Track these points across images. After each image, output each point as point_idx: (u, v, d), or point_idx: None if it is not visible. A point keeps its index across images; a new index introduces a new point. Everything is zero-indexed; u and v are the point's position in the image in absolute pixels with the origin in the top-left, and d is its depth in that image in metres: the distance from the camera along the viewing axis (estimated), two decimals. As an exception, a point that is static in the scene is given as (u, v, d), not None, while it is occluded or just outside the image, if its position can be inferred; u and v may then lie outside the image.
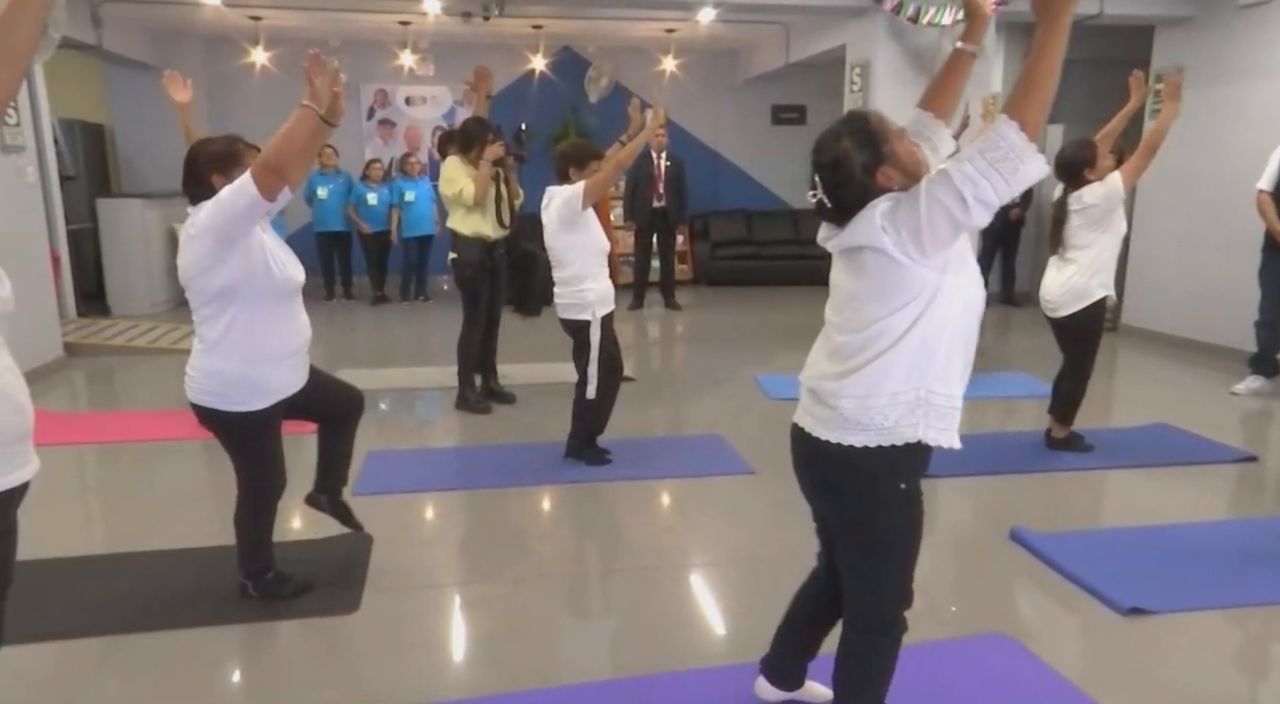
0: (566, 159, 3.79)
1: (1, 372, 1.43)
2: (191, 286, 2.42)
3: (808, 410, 1.81)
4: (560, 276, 3.78)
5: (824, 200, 1.73)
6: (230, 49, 8.86)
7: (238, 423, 2.50)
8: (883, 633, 1.84)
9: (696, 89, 9.97)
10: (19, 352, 1.53)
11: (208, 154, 2.43)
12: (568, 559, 3.16)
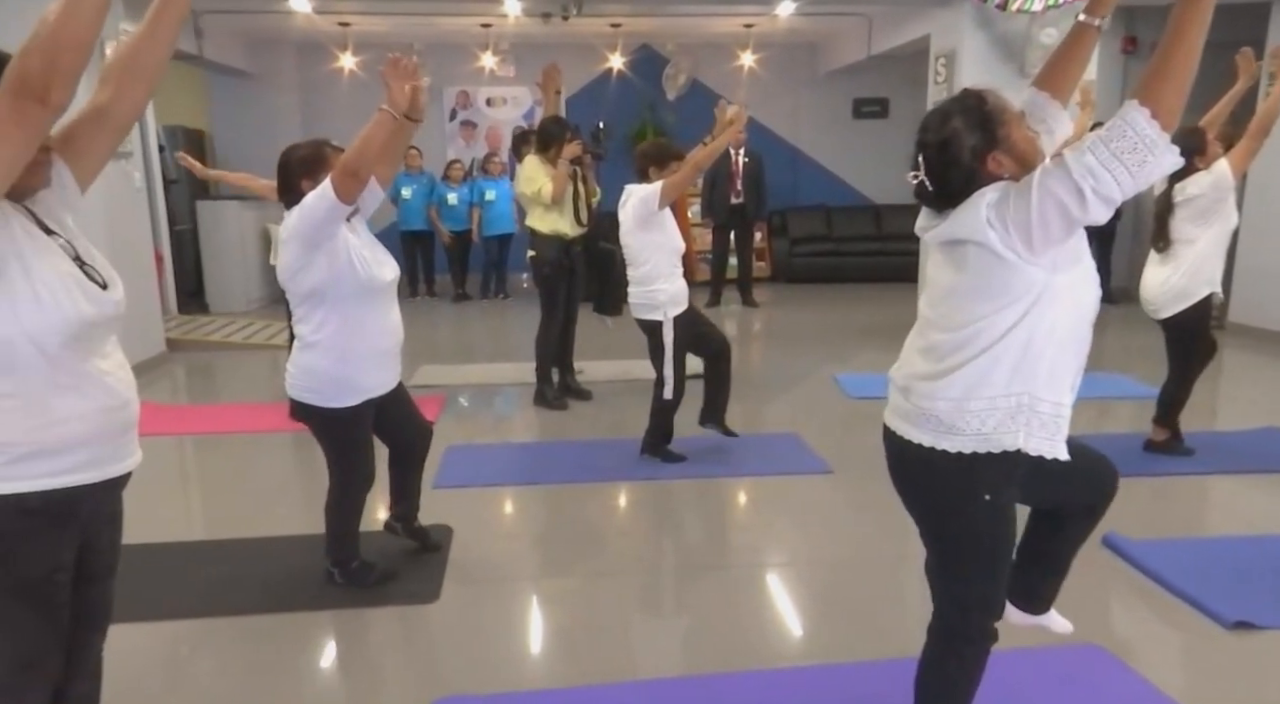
0: (647, 158, 3.81)
1: (113, 369, 1.50)
2: (287, 288, 2.52)
3: (897, 409, 1.73)
4: (634, 275, 3.79)
5: (925, 183, 1.63)
6: (321, 55, 9.18)
7: (330, 419, 2.58)
8: (967, 642, 1.75)
9: (775, 84, 9.86)
10: (125, 346, 1.61)
11: (296, 160, 2.51)
12: (642, 556, 3.17)
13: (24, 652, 1.48)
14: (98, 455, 1.46)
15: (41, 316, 1.35)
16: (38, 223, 1.43)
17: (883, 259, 9.43)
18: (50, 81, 1.21)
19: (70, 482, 1.43)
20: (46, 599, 1.47)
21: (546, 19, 7.75)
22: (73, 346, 1.40)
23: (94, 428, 1.44)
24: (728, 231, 8.24)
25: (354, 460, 2.68)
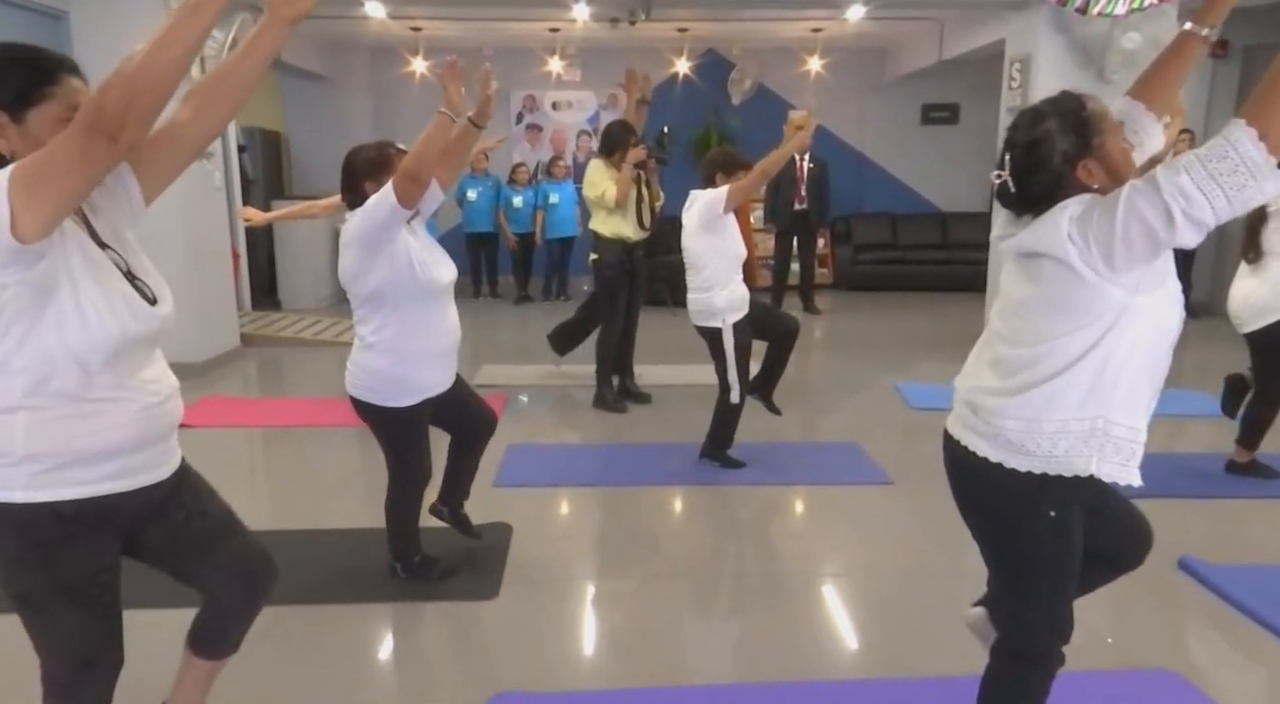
0: (715, 165, 3.81)
1: (154, 377, 1.51)
2: (348, 289, 2.57)
3: (962, 420, 1.67)
4: (693, 281, 3.78)
5: (1009, 183, 1.57)
6: (392, 59, 9.38)
7: (387, 417, 2.63)
8: (1032, 664, 1.69)
9: (842, 89, 9.75)
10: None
11: (360, 161, 2.55)
12: (698, 560, 3.16)
13: (80, 651, 1.53)
14: (132, 465, 1.47)
15: (86, 337, 1.36)
16: (92, 234, 1.43)
17: (949, 268, 9.24)
18: (124, 121, 1.21)
19: (104, 490, 1.44)
20: (94, 600, 1.51)
21: (614, 24, 7.80)
22: (115, 362, 1.41)
23: (130, 438, 1.45)
24: (790, 238, 8.17)
25: (411, 459, 2.73)
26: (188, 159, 1.54)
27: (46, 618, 1.49)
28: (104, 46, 5.36)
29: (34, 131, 1.34)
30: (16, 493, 1.38)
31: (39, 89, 1.35)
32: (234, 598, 1.74)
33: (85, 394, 1.38)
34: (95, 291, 1.37)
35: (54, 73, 1.38)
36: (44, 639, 1.52)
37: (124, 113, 1.21)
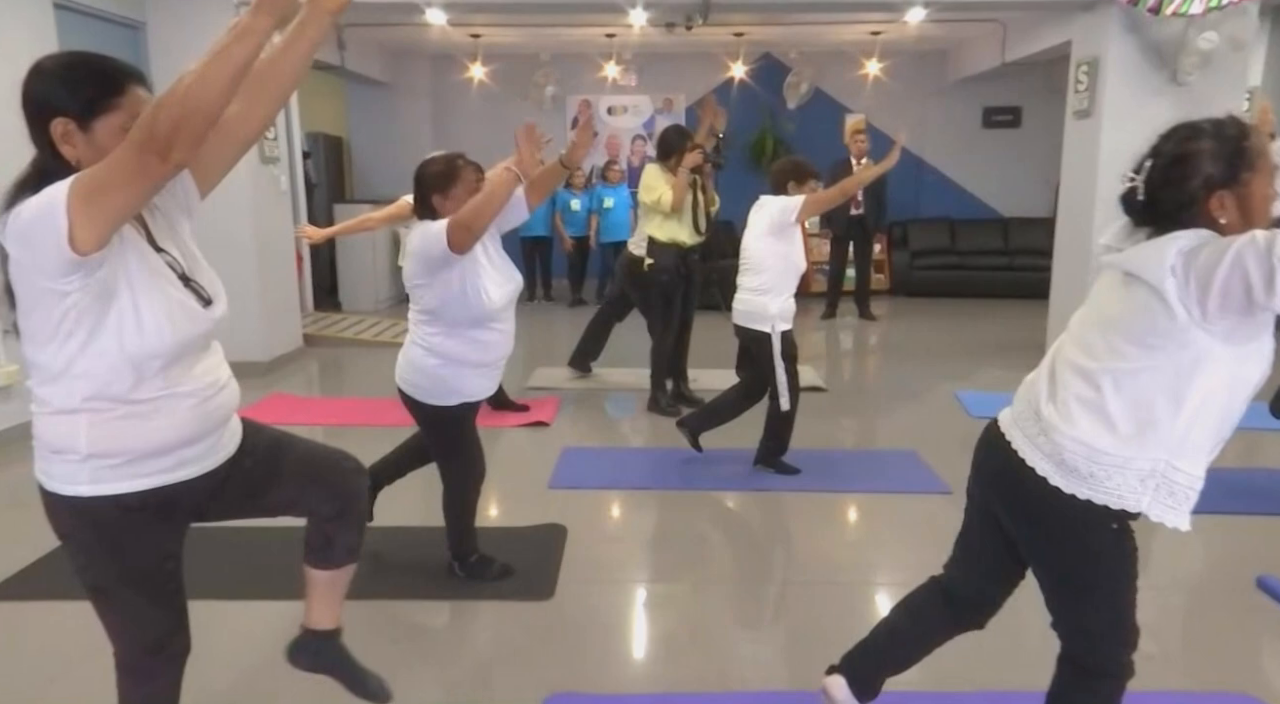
0: (787, 174, 3.79)
1: (209, 370, 1.54)
2: (410, 293, 2.64)
3: (1021, 426, 1.63)
4: (748, 283, 3.76)
5: (1138, 189, 1.52)
6: (452, 65, 9.54)
7: (428, 413, 2.69)
8: (1101, 676, 1.64)
9: (901, 92, 9.62)
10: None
11: (429, 174, 2.60)
12: (750, 566, 3.14)
13: (149, 637, 1.58)
14: (189, 456, 1.51)
15: (144, 344, 1.39)
16: (149, 237, 1.46)
17: (1010, 274, 9.04)
18: (174, 141, 1.23)
19: (164, 481, 1.48)
20: (160, 587, 1.56)
21: (670, 29, 7.81)
22: (171, 364, 1.44)
23: (186, 434, 1.48)
24: (846, 243, 8.08)
25: (460, 457, 2.77)
26: (239, 153, 1.57)
27: (117, 605, 1.54)
28: (179, 55, 5.55)
29: (100, 140, 1.37)
30: (83, 487, 1.43)
31: (106, 99, 1.39)
32: (319, 505, 1.74)
33: (141, 395, 1.42)
34: (153, 299, 1.40)
35: (121, 83, 1.41)
36: (115, 626, 1.57)
37: (173, 134, 1.23)
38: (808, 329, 7.79)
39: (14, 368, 4.15)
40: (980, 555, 1.83)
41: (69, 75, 1.39)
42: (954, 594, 1.87)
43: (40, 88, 1.38)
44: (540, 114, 9.79)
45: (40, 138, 1.38)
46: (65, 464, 1.43)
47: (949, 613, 1.88)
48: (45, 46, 4.55)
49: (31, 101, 1.39)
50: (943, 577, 1.90)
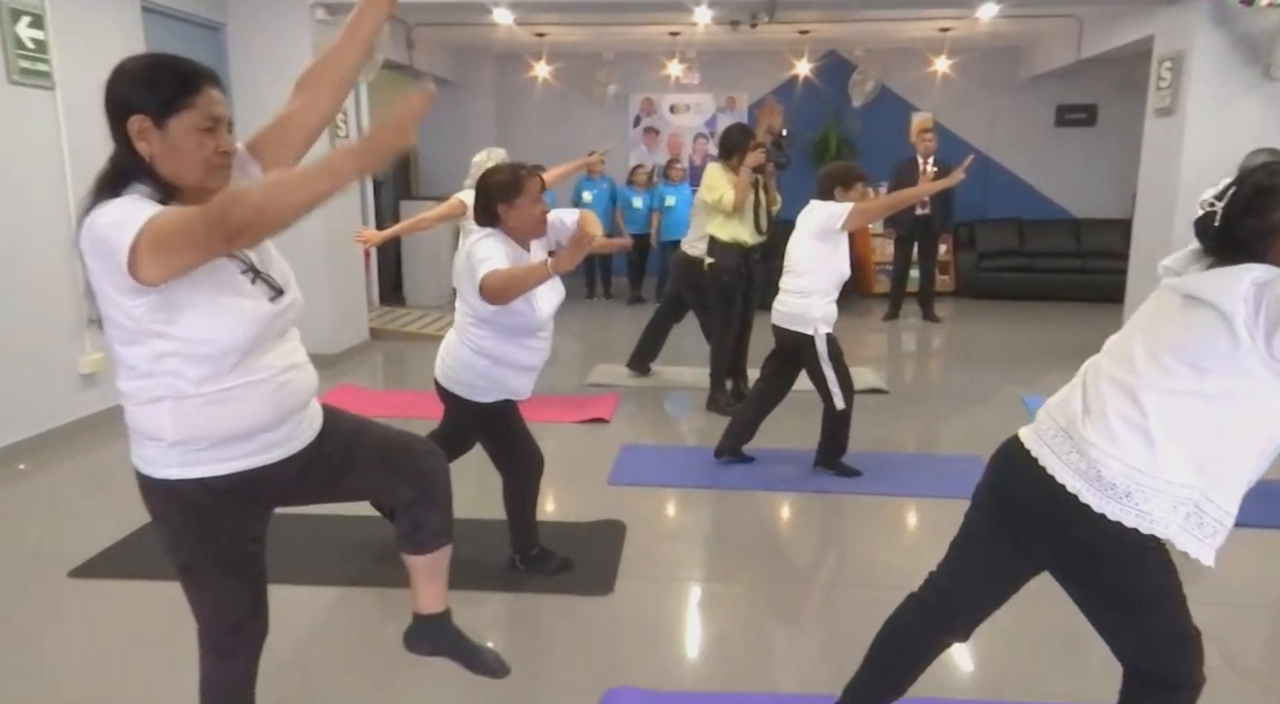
0: (833, 179, 3.76)
1: (286, 356, 1.58)
2: (460, 295, 2.69)
3: (1049, 443, 1.58)
4: (790, 284, 3.74)
5: (1216, 214, 1.49)
6: (517, 64, 9.66)
7: (474, 410, 2.74)
8: (1173, 690, 1.59)
9: (970, 90, 9.42)
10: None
11: (493, 185, 2.63)
12: (806, 568, 3.12)
13: (231, 616, 1.65)
14: (273, 439, 1.56)
15: (215, 345, 1.43)
16: None
17: (1082, 277, 8.78)
18: (241, 234, 1.29)
19: (250, 464, 1.53)
20: (244, 567, 1.63)
21: (734, 26, 7.78)
22: (245, 357, 1.48)
23: (267, 419, 1.53)
24: (911, 243, 7.94)
25: (516, 449, 2.82)
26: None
27: (203, 584, 1.61)
28: (257, 55, 5.74)
29: (174, 138, 1.42)
30: (171, 470, 1.50)
31: (183, 98, 1.43)
32: (398, 489, 1.79)
33: (219, 386, 1.46)
34: (223, 305, 1.44)
35: (197, 83, 1.45)
36: (201, 604, 1.64)
37: (242, 229, 1.28)
38: (869, 330, 7.69)
39: (99, 356, 4.34)
40: (977, 566, 1.77)
41: (148, 75, 1.44)
42: (936, 606, 1.81)
43: (120, 87, 1.44)
44: (602, 113, 9.86)
45: (118, 135, 1.44)
46: (155, 449, 1.50)
47: (931, 629, 1.83)
48: (134, 47, 4.75)
49: (112, 100, 1.45)
50: (924, 591, 1.85)
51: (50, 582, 2.84)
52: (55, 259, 4.17)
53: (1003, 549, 1.70)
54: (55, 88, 4.16)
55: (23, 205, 4.06)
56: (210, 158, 1.45)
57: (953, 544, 1.82)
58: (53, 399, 4.19)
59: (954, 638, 1.83)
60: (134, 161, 1.43)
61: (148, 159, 1.42)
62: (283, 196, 1.28)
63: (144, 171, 1.43)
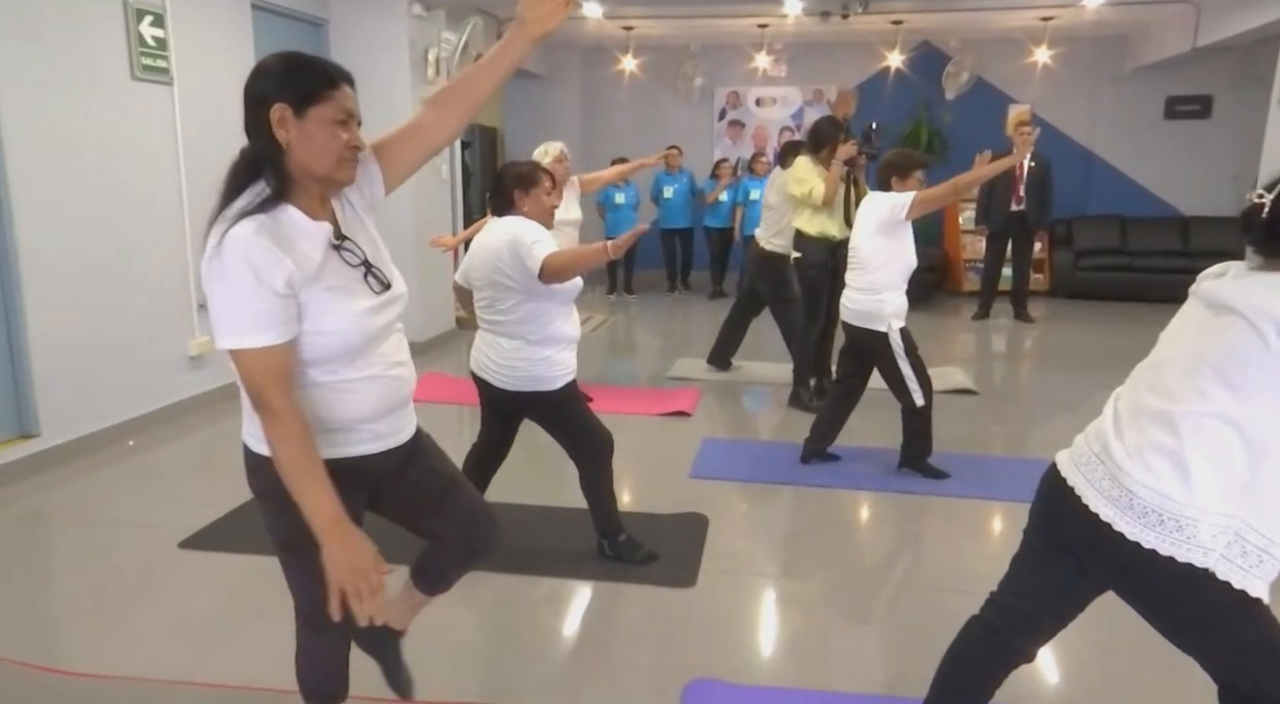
0: (891, 168, 3.67)
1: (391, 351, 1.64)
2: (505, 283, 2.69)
3: (1084, 472, 1.52)
4: (858, 281, 3.65)
5: (1265, 207, 1.42)
6: (604, 57, 9.71)
7: (556, 399, 2.79)
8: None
9: (1072, 81, 9.04)
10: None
11: (512, 174, 2.78)
12: (886, 569, 3.07)
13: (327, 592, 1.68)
14: (378, 430, 1.64)
15: (327, 350, 1.51)
16: (336, 229, 1.56)
17: (1189, 278, 8.19)
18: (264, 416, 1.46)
19: (357, 452, 1.62)
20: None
21: (825, 18, 7.66)
22: (357, 356, 1.56)
23: (373, 410, 1.61)
24: (1004, 240, 7.69)
25: (588, 430, 2.87)
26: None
27: (304, 563, 1.64)
28: (356, 50, 5.94)
29: (309, 128, 1.49)
30: None
31: (322, 90, 1.50)
32: (460, 549, 1.90)
33: (338, 377, 1.56)
34: (340, 315, 1.51)
35: (335, 78, 1.52)
36: (300, 582, 1.70)
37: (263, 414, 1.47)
38: (957, 329, 7.49)
39: (206, 339, 4.56)
40: (1038, 585, 1.70)
41: (290, 69, 1.52)
42: (999, 628, 1.74)
43: (263, 80, 1.51)
44: (687, 106, 9.84)
45: (257, 125, 1.50)
46: None
47: (995, 651, 1.76)
48: (244, 43, 4.97)
49: (253, 92, 1.51)
50: (986, 612, 1.79)
51: (160, 551, 3.01)
52: (168, 245, 4.41)
53: (1062, 567, 1.64)
54: (173, 83, 4.38)
55: (141, 196, 4.29)
56: (341, 150, 1.52)
57: (1013, 562, 1.76)
58: (162, 379, 4.43)
59: (1019, 658, 1.76)
60: (272, 148, 1.49)
61: (285, 146, 1.49)
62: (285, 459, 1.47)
63: (277, 160, 1.49)
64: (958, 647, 1.83)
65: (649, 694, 2.24)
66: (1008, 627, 1.73)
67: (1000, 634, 1.74)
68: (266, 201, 1.47)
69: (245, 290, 1.41)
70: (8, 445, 3.70)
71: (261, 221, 1.44)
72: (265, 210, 1.46)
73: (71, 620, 2.63)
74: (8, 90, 3.56)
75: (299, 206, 1.51)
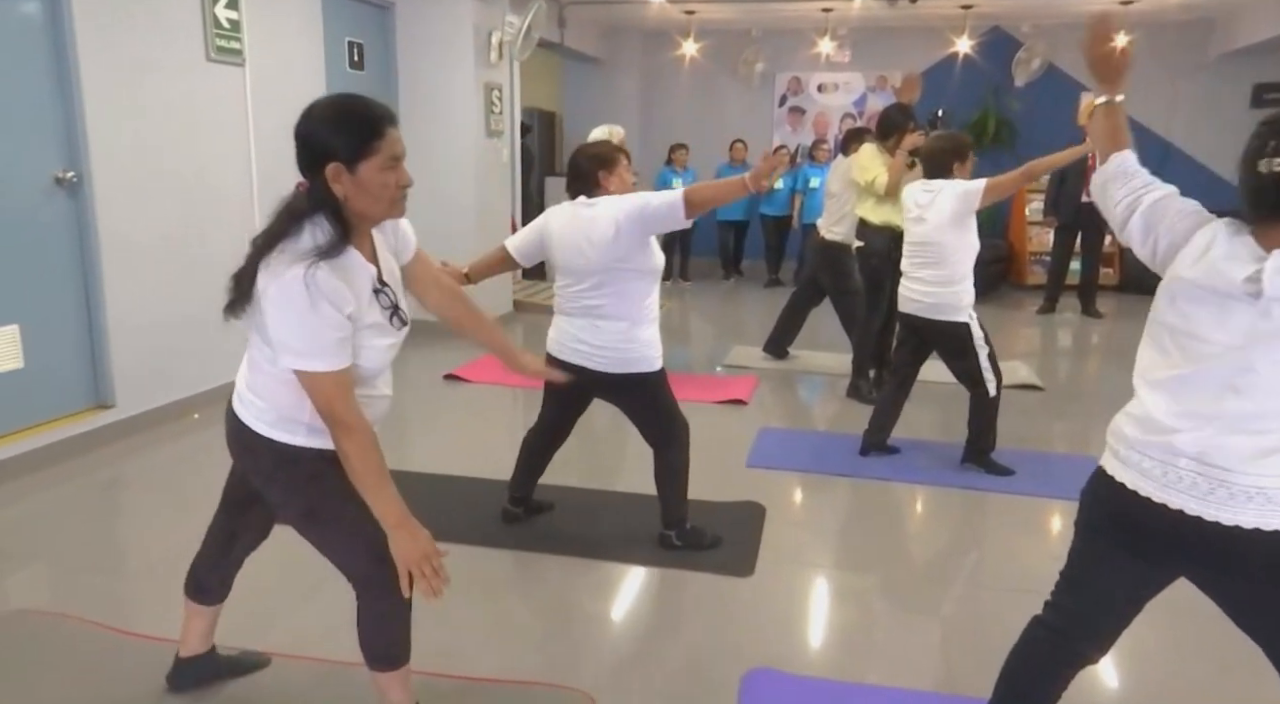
0: (952, 155, 3.58)
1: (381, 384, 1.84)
2: (617, 267, 2.67)
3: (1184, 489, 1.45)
4: (933, 274, 3.55)
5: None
6: (664, 41, 9.65)
7: (658, 378, 2.79)
8: None
9: (1151, 68, 8.70)
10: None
11: (593, 156, 2.76)
12: (945, 565, 3.02)
13: (373, 546, 1.71)
14: None
15: (361, 371, 1.70)
16: (378, 276, 1.71)
17: (1268, 275, 7.99)
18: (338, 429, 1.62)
19: None
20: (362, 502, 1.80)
21: (893, 2, 7.50)
22: (375, 376, 1.77)
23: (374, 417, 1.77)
24: (1073, 232, 7.47)
25: (675, 413, 2.87)
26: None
27: (341, 523, 1.74)
28: (422, 34, 5.99)
29: (362, 180, 1.59)
30: (299, 439, 1.73)
31: (369, 144, 1.58)
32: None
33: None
34: (372, 344, 1.69)
35: (381, 127, 1.60)
36: (344, 543, 1.76)
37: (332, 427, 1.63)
38: (1021, 323, 7.31)
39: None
40: (1101, 580, 1.64)
41: (339, 123, 1.60)
42: (1063, 629, 1.68)
43: (315, 133, 1.60)
44: (747, 92, 9.73)
45: (314, 173, 1.60)
46: (288, 423, 1.73)
47: (1061, 652, 1.70)
48: (313, 25, 5.05)
49: (308, 146, 1.61)
50: (1047, 614, 1.72)
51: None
52: (237, 225, 4.50)
53: (1129, 571, 1.59)
54: (245, 65, 4.47)
55: (213, 176, 4.40)
56: (393, 192, 1.63)
57: (1071, 564, 1.70)
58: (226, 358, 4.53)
59: (1087, 660, 1.71)
60: (333, 202, 1.61)
61: (342, 199, 1.60)
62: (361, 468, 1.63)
63: (338, 210, 1.61)
64: (1021, 649, 1.78)
65: (708, 681, 2.23)
66: (1073, 628, 1.68)
67: (1065, 636, 1.69)
68: (335, 246, 1.59)
69: (327, 322, 1.56)
70: (86, 415, 3.85)
71: (334, 262, 1.58)
72: (336, 253, 1.59)
73: (143, 584, 2.72)
74: (92, 71, 3.66)
75: (357, 248, 1.66)
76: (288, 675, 2.20)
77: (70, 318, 3.78)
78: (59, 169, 3.63)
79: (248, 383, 1.76)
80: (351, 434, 1.61)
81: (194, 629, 2.08)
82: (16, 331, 3.53)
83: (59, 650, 2.30)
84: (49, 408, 3.70)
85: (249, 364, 1.77)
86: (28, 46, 3.50)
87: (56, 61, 3.59)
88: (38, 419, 3.65)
